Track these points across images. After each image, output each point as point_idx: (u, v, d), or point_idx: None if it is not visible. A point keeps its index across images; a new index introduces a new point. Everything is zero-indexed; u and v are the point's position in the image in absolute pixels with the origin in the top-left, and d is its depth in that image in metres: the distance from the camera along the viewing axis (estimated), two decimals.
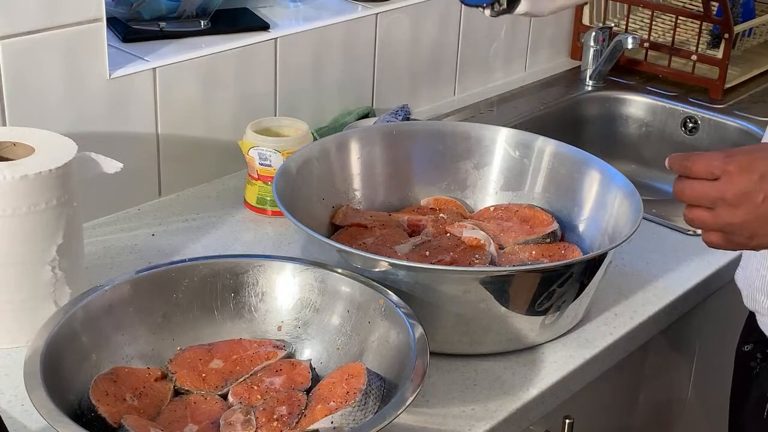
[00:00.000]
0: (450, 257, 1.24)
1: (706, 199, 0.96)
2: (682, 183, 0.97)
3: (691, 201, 0.97)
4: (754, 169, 0.94)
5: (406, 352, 1.02)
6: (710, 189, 0.95)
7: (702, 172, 0.96)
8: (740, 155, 0.95)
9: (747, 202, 0.94)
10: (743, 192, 0.94)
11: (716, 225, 0.96)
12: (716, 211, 0.95)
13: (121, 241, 1.38)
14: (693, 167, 0.96)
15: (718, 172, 0.95)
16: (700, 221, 0.97)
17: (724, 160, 0.95)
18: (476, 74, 1.96)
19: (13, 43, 1.26)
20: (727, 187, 0.94)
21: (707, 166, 0.95)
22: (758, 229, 0.95)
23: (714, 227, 0.97)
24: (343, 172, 1.37)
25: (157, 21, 1.53)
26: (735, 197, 0.94)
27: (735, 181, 0.94)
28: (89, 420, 0.96)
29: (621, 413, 1.43)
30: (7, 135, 1.18)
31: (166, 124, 1.46)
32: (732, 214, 0.95)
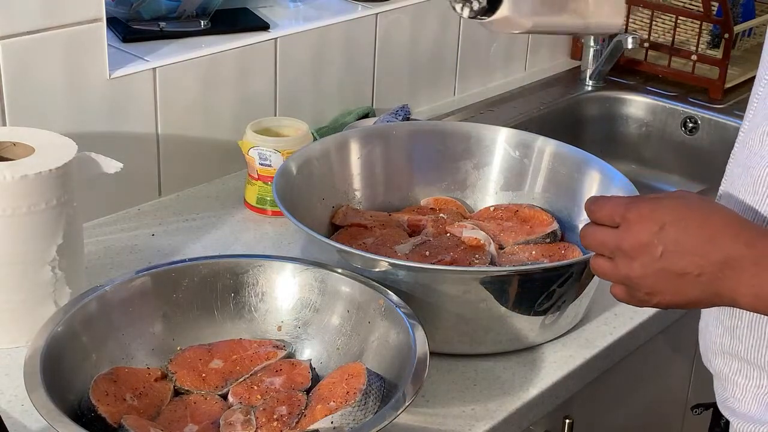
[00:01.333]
0: (450, 257, 1.24)
1: (605, 248, 0.88)
2: (586, 228, 0.91)
3: (591, 248, 0.90)
4: (655, 218, 0.86)
5: (406, 352, 1.02)
6: (609, 237, 0.88)
7: (604, 218, 0.89)
8: (643, 203, 0.87)
9: (644, 254, 0.86)
10: (640, 243, 0.86)
11: (616, 277, 0.89)
12: (615, 262, 0.88)
13: (121, 241, 1.38)
14: (597, 212, 0.89)
15: (619, 219, 0.87)
16: (601, 271, 0.90)
17: (626, 206, 0.87)
18: (476, 74, 1.96)
19: (13, 43, 1.27)
20: (625, 237, 0.86)
21: (610, 211, 0.88)
22: (658, 285, 0.86)
23: (614, 279, 0.90)
24: (343, 172, 1.37)
25: (157, 21, 1.53)
26: (632, 248, 0.86)
27: (634, 230, 0.86)
28: (89, 420, 0.96)
29: (621, 413, 1.43)
30: (7, 135, 1.18)
31: (166, 124, 1.46)
32: (630, 266, 0.87)
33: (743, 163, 0.96)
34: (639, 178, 1.89)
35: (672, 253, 0.85)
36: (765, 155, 0.92)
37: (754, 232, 0.85)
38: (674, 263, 0.85)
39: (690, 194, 0.90)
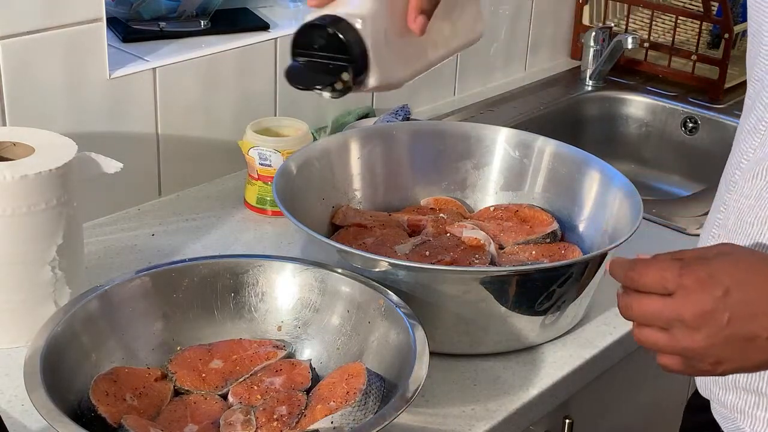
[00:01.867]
0: (450, 257, 1.24)
1: (660, 319, 0.80)
2: (629, 297, 0.82)
3: (641, 321, 0.82)
4: (716, 282, 0.78)
5: (406, 352, 1.02)
6: (664, 307, 0.79)
7: (653, 285, 0.80)
8: (697, 265, 0.80)
9: (709, 323, 0.78)
10: (704, 311, 0.78)
11: (673, 349, 0.81)
12: (672, 333, 0.80)
13: (121, 241, 1.38)
14: (641, 279, 0.81)
15: (673, 286, 0.79)
16: (653, 343, 0.82)
17: (679, 271, 0.79)
18: (476, 74, 1.96)
19: (13, 43, 1.27)
20: (686, 305, 0.78)
21: (659, 278, 0.80)
22: (725, 353, 0.79)
23: (671, 351, 0.81)
24: (343, 172, 1.37)
25: (157, 21, 1.53)
26: (695, 318, 0.78)
27: (694, 298, 0.78)
28: (89, 420, 0.96)
29: (621, 413, 1.43)
30: (7, 135, 1.18)
31: (166, 124, 1.46)
32: (692, 338, 0.79)
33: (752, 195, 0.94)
34: (639, 178, 1.89)
35: (740, 318, 0.78)
36: None
37: None
38: (743, 328, 0.78)
39: (739, 249, 0.84)
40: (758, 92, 0.95)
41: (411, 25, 0.92)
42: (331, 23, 0.89)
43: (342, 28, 0.89)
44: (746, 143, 0.96)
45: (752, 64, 0.98)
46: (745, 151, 0.96)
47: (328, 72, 0.91)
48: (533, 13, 2.04)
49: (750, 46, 0.99)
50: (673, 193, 1.99)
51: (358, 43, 0.90)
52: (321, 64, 0.91)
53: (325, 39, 0.90)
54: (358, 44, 0.90)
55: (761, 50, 0.95)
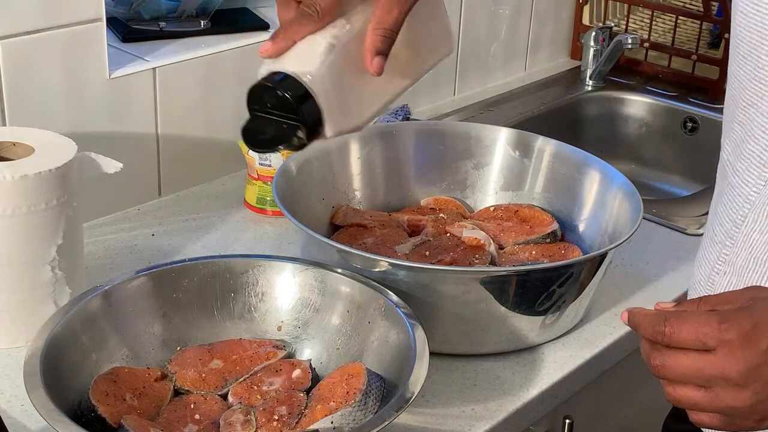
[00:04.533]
0: (450, 257, 1.24)
1: (701, 378, 0.74)
2: (663, 356, 0.76)
3: (679, 379, 0.76)
4: (760, 335, 0.73)
5: (406, 352, 1.02)
6: (706, 365, 0.74)
7: (690, 341, 0.74)
8: (738, 318, 0.74)
9: (757, 380, 0.73)
10: (751, 368, 0.73)
11: (717, 408, 0.75)
12: (715, 392, 0.74)
13: (121, 241, 1.38)
14: (675, 336, 0.75)
15: (714, 343, 0.73)
16: (693, 404, 0.76)
17: (719, 326, 0.74)
18: (476, 74, 1.96)
19: (13, 43, 1.26)
20: (731, 362, 0.73)
21: (697, 333, 0.74)
22: None
23: (713, 410, 0.76)
24: (343, 172, 1.37)
25: (157, 21, 1.53)
26: (741, 376, 0.73)
27: (739, 354, 0.73)
28: (89, 420, 0.96)
29: (621, 413, 1.43)
30: (7, 135, 1.18)
31: (166, 124, 1.46)
32: (737, 396, 0.74)
33: None
34: (639, 178, 1.89)
35: None
36: None
37: None
38: None
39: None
40: (752, 119, 0.92)
41: (368, 67, 0.88)
42: (279, 83, 0.87)
43: (290, 87, 0.86)
44: (750, 173, 0.93)
45: (740, 87, 0.93)
46: (753, 182, 0.93)
47: (282, 131, 0.89)
48: (533, 13, 2.04)
49: (737, 68, 0.94)
50: (673, 193, 1.99)
51: (309, 102, 0.87)
52: (276, 122, 0.89)
53: (275, 98, 0.88)
54: (309, 104, 0.87)
55: (758, 73, 0.90)
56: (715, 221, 1.00)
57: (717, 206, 0.99)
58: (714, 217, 1.00)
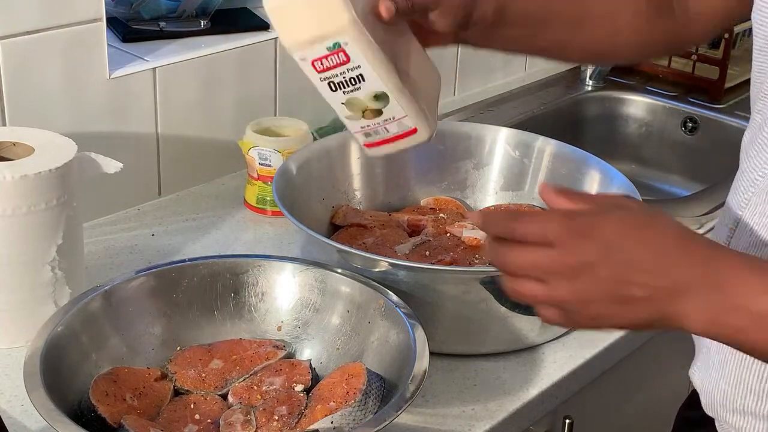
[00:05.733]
0: (450, 257, 1.24)
1: (537, 270, 0.77)
2: (505, 249, 0.78)
3: (518, 272, 0.79)
4: (598, 236, 0.76)
5: (406, 352, 1.02)
6: (544, 258, 0.77)
7: (534, 235, 0.77)
8: (583, 218, 0.78)
9: (588, 277, 0.76)
10: (583, 264, 0.76)
11: (552, 300, 0.78)
12: (550, 285, 0.77)
13: (121, 241, 1.38)
14: (522, 230, 0.78)
15: (554, 238, 0.76)
16: (531, 296, 0.79)
17: (562, 223, 0.77)
18: (476, 74, 1.96)
19: (13, 43, 1.26)
20: (564, 256, 0.76)
21: (542, 230, 0.77)
22: (601, 309, 0.77)
23: (549, 302, 0.79)
24: (343, 172, 1.37)
25: (157, 21, 1.53)
26: (573, 270, 0.76)
27: (574, 250, 0.76)
28: (89, 420, 0.96)
29: (621, 413, 1.43)
30: (7, 135, 1.18)
31: (166, 124, 1.46)
32: (569, 289, 0.77)
33: None
34: (639, 178, 1.89)
35: (618, 275, 0.76)
36: None
37: (707, 249, 0.78)
38: (620, 287, 0.76)
39: (633, 204, 0.82)
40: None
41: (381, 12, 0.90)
42: None
43: None
44: (759, 158, 0.95)
45: (760, 79, 0.97)
46: (760, 166, 0.94)
47: None
48: None
49: (757, 59, 0.98)
50: (673, 193, 1.99)
51: None
52: None
53: None
54: None
55: None
56: (725, 208, 1.01)
57: (729, 194, 1.01)
58: (726, 206, 1.02)
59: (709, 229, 1.48)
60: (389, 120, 0.92)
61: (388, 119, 0.92)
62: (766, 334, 0.76)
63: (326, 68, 0.89)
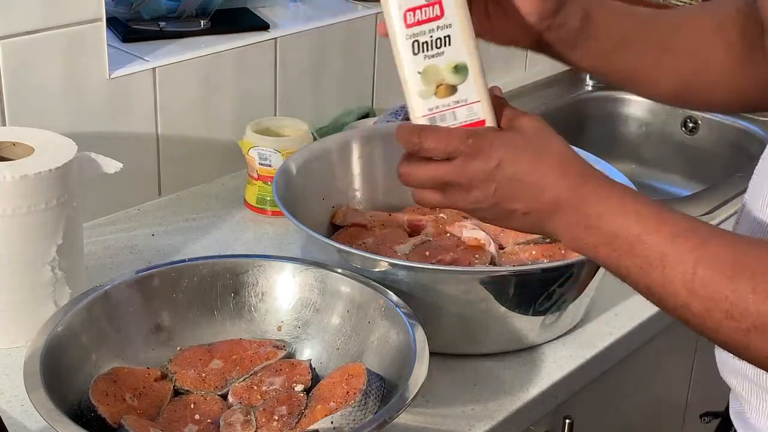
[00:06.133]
0: (450, 257, 1.24)
1: (435, 183, 0.87)
2: (410, 165, 0.88)
3: (418, 185, 0.89)
4: (492, 154, 0.85)
5: (406, 352, 1.02)
6: (443, 172, 0.86)
7: (436, 150, 0.86)
8: (487, 137, 0.86)
9: (479, 189, 0.86)
10: (476, 178, 0.86)
11: (447, 206, 0.90)
12: (448, 195, 0.88)
13: (121, 241, 1.38)
14: (425, 144, 0.86)
15: (455, 153, 0.86)
16: (432, 204, 0.90)
17: (463, 141, 0.86)
18: None
19: (13, 43, 1.27)
20: (460, 171, 0.86)
21: (445, 146, 0.86)
22: (490, 215, 0.88)
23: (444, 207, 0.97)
24: (343, 172, 1.37)
25: (157, 21, 1.53)
26: (468, 182, 0.86)
27: (470, 165, 0.85)
28: (89, 420, 0.96)
29: (621, 413, 1.43)
30: (7, 135, 1.18)
31: (166, 124, 1.46)
32: (463, 199, 0.87)
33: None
34: (639, 178, 1.89)
35: (504, 190, 0.86)
36: None
37: (580, 176, 0.86)
38: (505, 201, 0.86)
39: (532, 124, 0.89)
40: None
41: None
42: None
43: None
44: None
45: None
46: None
47: None
48: None
49: None
50: (673, 193, 1.99)
51: None
52: None
53: None
54: None
55: None
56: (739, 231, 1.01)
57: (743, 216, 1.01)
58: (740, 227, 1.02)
59: None
60: (461, 103, 0.91)
61: (460, 101, 0.91)
62: (614, 253, 0.84)
63: (417, 22, 0.89)
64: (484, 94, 0.92)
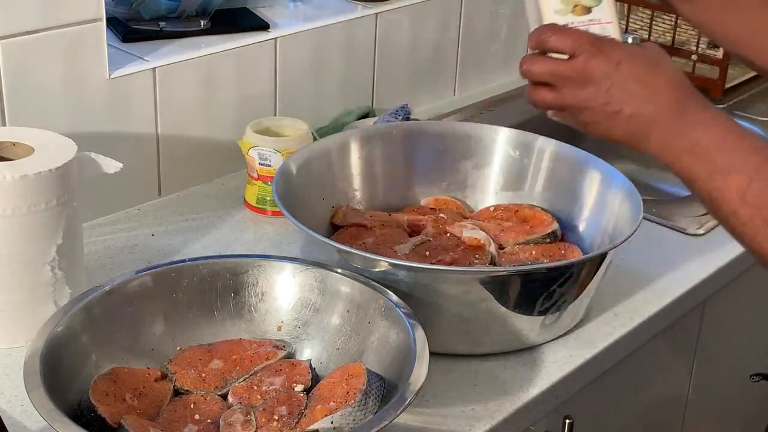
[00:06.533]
0: (450, 257, 1.24)
1: (556, 75, 0.94)
2: (534, 58, 0.95)
3: (537, 76, 0.95)
4: (614, 56, 0.92)
5: (406, 352, 1.02)
6: (564, 66, 0.93)
7: (563, 46, 0.93)
8: (605, 42, 0.94)
9: (594, 85, 0.92)
10: (594, 75, 0.92)
11: (558, 105, 0.96)
12: (561, 91, 0.94)
13: (121, 241, 1.38)
14: (554, 39, 0.94)
15: (579, 50, 0.93)
16: (542, 99, 0.96)
17: (589, 40, 0.93)
18: (476, 74, 1.96)
19: (13, 43, 1.26)
20: (581, 66, 0.92)
21: (571, 42, 0.93)
22: (594, 116, 0.95)
23: (557, 106, 0.97)
24: (343, 172, 1.37)
25: (157, 21, 1.53)
26: (583, 79, 0.93)
27: (592, 62, 0.92)
28: (89, 420, 0.96)
29: (621, 413, 1.43)
30: (7, 135, 1.18)
31: (166, 124, 1.46)
32: (575, 95, 0.94)
33: None
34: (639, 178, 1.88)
35: (618, 90, 0.92)
36: None
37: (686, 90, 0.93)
38: (615, 101, 0.92)
39: (652, 45, 0.96)
40: None
41: None
42: None
43: None
44: None
45: None
46: None
47: None
48: None
49: None
50: (673, 193, 1.98)
51: None
52: None
53: None
54: None
55: None
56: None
57: None
58: None
59: (709, 230, 1.49)
60: (594, 21, 0.98)
61: (594, 20, 0.98)
62: (693, 158, 0.92)
63: None
64: (615, 17, 0.99)
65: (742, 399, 1.74)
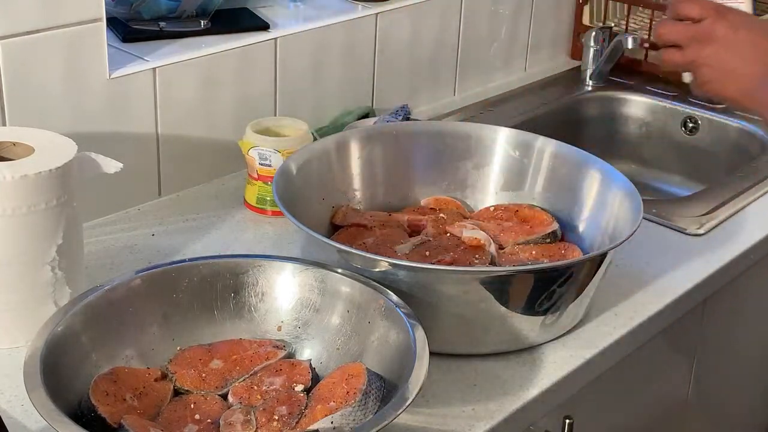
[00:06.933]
0: (450, 257, 1.24)
1: (685, 36, 1.11)
2: (668, 23, 1.13)
3: (668, 38, 1.12)
4: (735, 22, 1.09)
5: (406, 352, 1.02)
6: (692, 29, 1.10)
7: (692, 12, 1.11)
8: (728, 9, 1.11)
9: (715, 43, 1.09)
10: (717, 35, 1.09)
11: (683, 62, 1.13)
12: (687, 51, 1.11)
13: (121, 241, 1.38)
14: (686, 8, 1.11)
15: (706, 15, 1.10)
16: (671, 58, 1.13)
17: (714, 7, 1.10)
18: (476, 74, 1.96)
19: (13, 43, 1.27)
20: (707, 28, 1.09)
21: (700, 8, 1.10)
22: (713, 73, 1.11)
23: (682, 64, 1.13)
24: (343, 172, 1.37)
25: (157, 21, 1.53)
26: (708, 38, 1.09)
27: (715, 24, 1.09)
28: (89, 420, 0.96)
29: (621, 413, 1.43)
30: (7, 135, 1.18)
31: (166, 124, 1.46)
32: (699, 52, 1.11)
33: None
34: (639, 178, 1.89)
35: (734, 51, 1.09)
36: None
37: None
38: (734, 58, 1.09)
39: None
40: None
41: None
42: None
43: None
44: None
45: None
46: None
47: None
48: (533, 13, 2.04)
49: None
50: (673, 193, 1.99)
51: None
52: None
53: None
54: None
55: None
56: None
57: None
58: None
59: (709, 230, 1.49)
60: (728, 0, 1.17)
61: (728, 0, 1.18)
62: None
63: None
64: None
65: (742, 399, 1.75)
